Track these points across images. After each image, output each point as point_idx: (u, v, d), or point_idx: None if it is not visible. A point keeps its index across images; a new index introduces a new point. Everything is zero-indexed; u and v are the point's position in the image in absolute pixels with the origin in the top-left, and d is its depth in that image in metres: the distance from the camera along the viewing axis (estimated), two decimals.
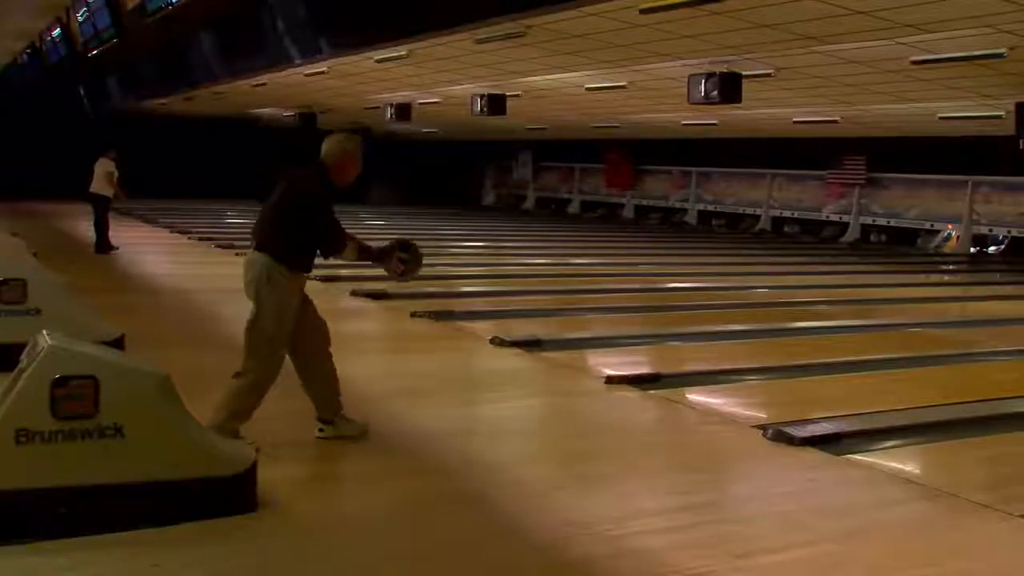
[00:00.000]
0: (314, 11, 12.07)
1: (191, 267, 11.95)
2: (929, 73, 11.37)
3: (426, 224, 20.26)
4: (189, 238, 14.98)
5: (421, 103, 18.42)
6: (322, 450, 4.56)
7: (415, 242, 4.89)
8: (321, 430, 4.64)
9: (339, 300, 9.37)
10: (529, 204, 29.41)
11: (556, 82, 14.43)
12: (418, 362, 6.75)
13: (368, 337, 8.14)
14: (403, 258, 4.77)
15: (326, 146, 4.67)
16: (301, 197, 4.55)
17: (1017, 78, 11.20)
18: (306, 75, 15.09)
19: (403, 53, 12.46)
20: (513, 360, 6.67)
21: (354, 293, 9.41)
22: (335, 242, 4.60)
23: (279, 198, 4.58)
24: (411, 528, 3.67)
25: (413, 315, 8.23)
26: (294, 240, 4.46)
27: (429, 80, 15.16)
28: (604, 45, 10.88)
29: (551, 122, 21.35)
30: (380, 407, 5.33)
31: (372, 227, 18.98)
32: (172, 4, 12.25)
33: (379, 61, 13.23)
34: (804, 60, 11.15)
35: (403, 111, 18.68)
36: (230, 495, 3.57)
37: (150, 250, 13.75)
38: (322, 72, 14.71)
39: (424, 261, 4.87)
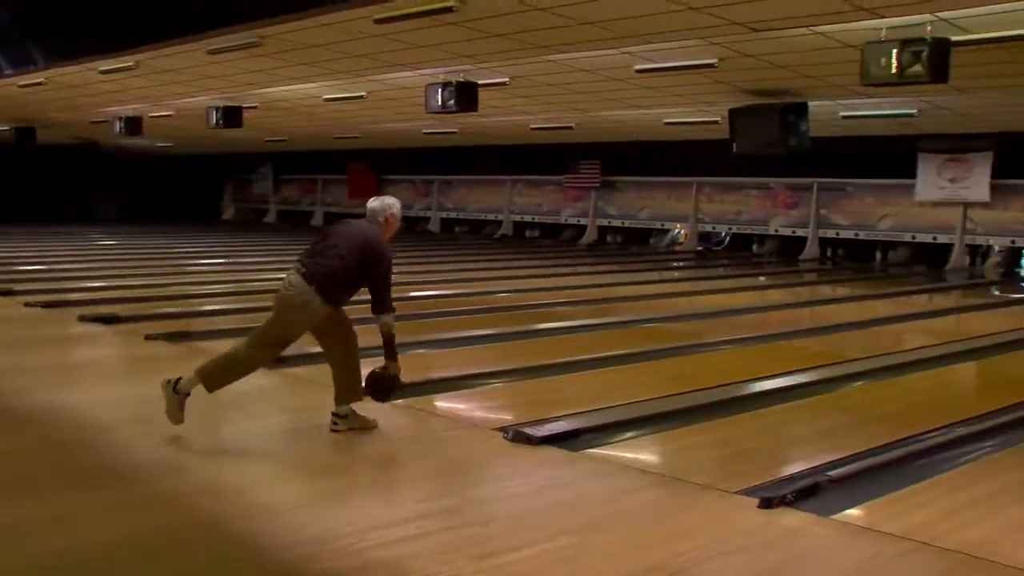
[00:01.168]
0: (21, 16, 11.30)
1: None
2: (652, 81, 12.02)
3: (161, 242, 19.42)
4: None
5: (153, 116, 17.65)
6: (43, 485, 4.26)
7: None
8: (335, 424, 5.14)
9: (67, 326, 8.81)
10: (271, 218, 28.85)
11: (294, 93, 14.21)
12: (153, 387, 6.42)
13: (99, 363, 7.68)
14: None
15: (379, 204, 5.22)
16: (373, 251, 5.05)
17: (728, 86, 12.03)
18: (20, 86, 14.12)
19: (130, 64, 11.90)
20: (254, 378, 6.43)
21: (83, 318, 8.87)
22: (389, 300, 5.10)
23: (348, 244, 5.04)
24: (144, 563, 3.48)
25: (147, 338, 7.85)
26: (345, 283, 5.01)
27: (160, 92, 14.55)
28: (341, 55, 10.81)
29: (290, 133, 21.00)
30: (112, 436, 5.06)
31: (103, 247, 18.01)
32: None
33: (104, 72, 12.57)
34: (537, 68, 11.51)
35: (134, 125, 17.81)
36: None
37: None
38: (39, 83, 13.80)
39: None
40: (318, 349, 5.54)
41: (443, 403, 6.05)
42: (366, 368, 5.24)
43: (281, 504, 4.09)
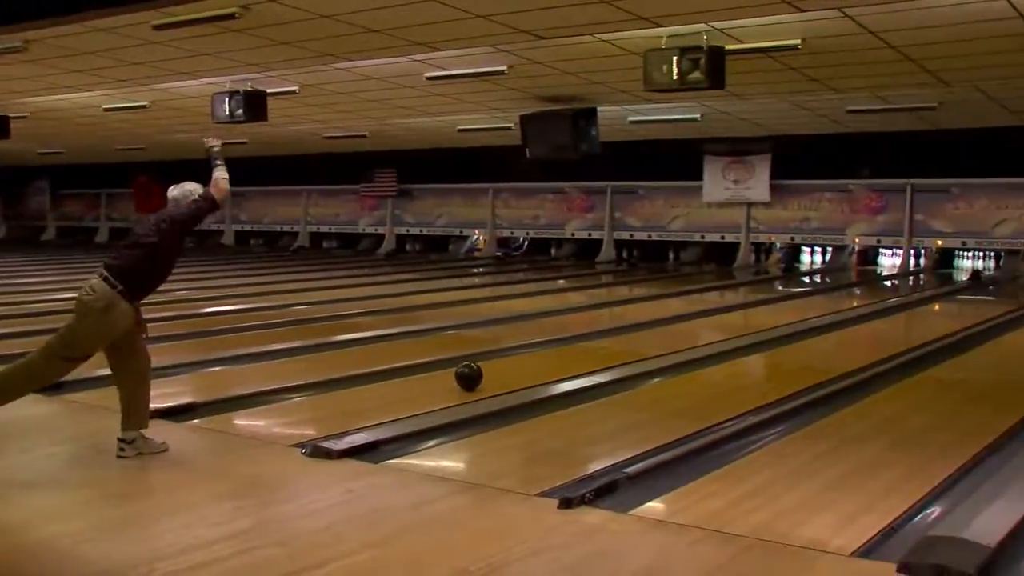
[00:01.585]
0: None
1: None
2: (444, 88, 12.08)
3: None
4: None
5: None
6: None
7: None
8: (122, 450, 4.85)
9: None
10: (50, 235, 27.37)
11: (69, 102, 13.50)
12: None
13: None
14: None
15: (180, 192, 5.17)
16: (169, 210, 5.06)
17: (519, 93, 12.23)
18: None
19: None
20: (32, 407, 6.05)
21: None
22: (211, 202, 5.18)
23: (145, 226, 5.00)
24: None
25: None
26: (153, 261, 4.90)
27: None
28: (119, 63, 10.35)
29: (68, 145, 19.97)
30: None
31: None
32: None
33: None
34: (326, 77, 11.37)
35: None
36: None
37: None
38: None
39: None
40: (101, 372, 5.27)
41: (241, 421, 5.85)
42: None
43: (66, 538, 3.84)
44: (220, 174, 5.33)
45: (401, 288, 13.97)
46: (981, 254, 17.25)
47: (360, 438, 5.08)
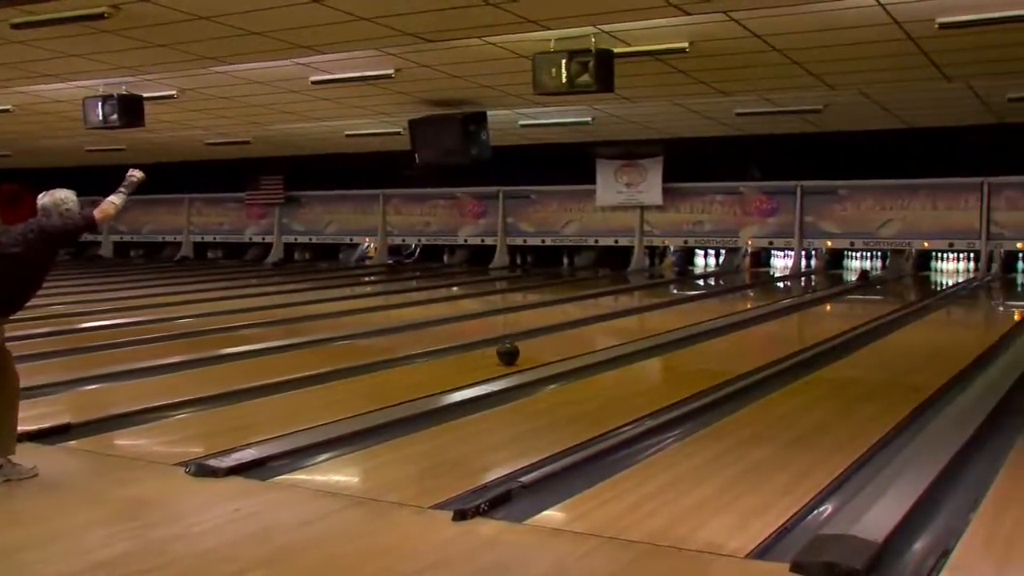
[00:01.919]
0: None
1: None
2: (330, 92, 11.87)
3: None
4: None
5: None
6: None
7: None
8: None
9: None
10: None
11: None
12: None
13: None
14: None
15: (50, 200, 4.88)
16: (38, 220, 4.79)
17: (407, 96, 12.10)
18: None
19: None
20: None
21: None
22: (88, 221, 4.93)
23: (10, 237, 4.70)
24: None
25: None
26: (12, 291, 4.65)
27: None
28: None
29: None
30: None
31: None
32: None
33: None
34: (206, 81, 11.05)
35: None
36: None
37: None
38: None
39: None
40: None
41: (121, 441, 5.58)
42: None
43: None
44: (114, 199, 5.09)
45: (291, 298, 13.67)
46: (869, 254, 17.75)
47: (248, 454, 4.88)
